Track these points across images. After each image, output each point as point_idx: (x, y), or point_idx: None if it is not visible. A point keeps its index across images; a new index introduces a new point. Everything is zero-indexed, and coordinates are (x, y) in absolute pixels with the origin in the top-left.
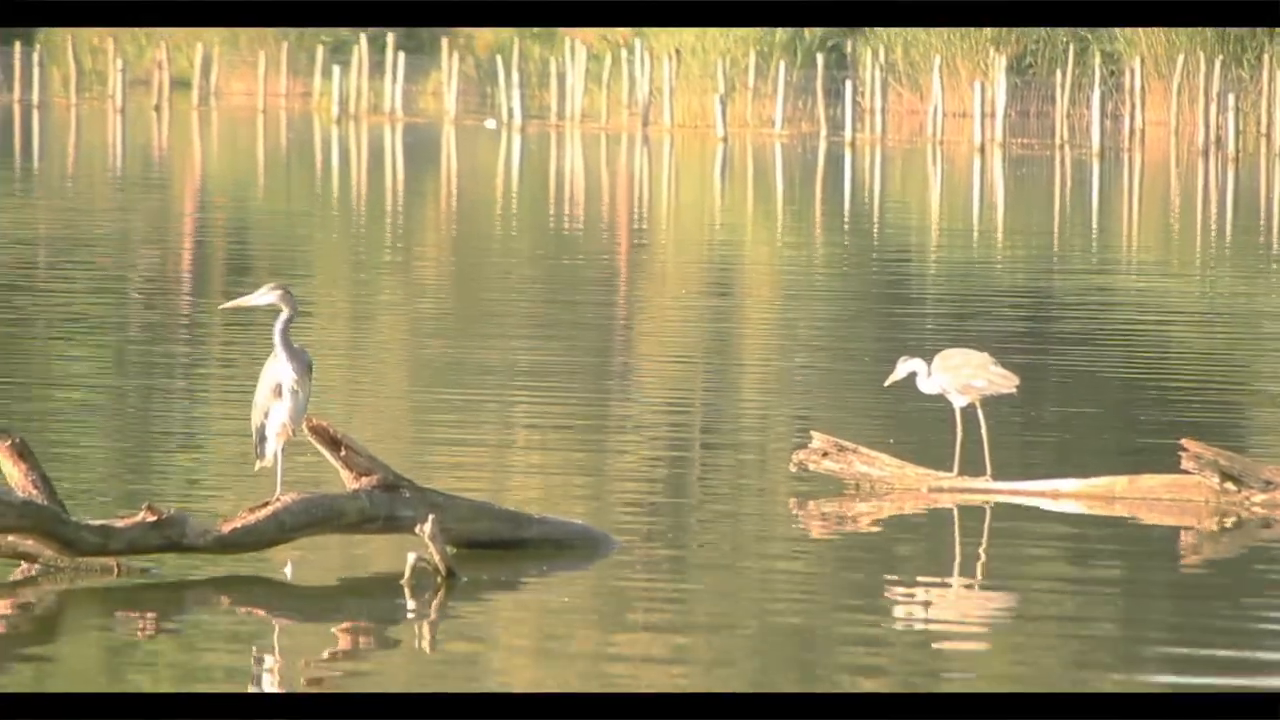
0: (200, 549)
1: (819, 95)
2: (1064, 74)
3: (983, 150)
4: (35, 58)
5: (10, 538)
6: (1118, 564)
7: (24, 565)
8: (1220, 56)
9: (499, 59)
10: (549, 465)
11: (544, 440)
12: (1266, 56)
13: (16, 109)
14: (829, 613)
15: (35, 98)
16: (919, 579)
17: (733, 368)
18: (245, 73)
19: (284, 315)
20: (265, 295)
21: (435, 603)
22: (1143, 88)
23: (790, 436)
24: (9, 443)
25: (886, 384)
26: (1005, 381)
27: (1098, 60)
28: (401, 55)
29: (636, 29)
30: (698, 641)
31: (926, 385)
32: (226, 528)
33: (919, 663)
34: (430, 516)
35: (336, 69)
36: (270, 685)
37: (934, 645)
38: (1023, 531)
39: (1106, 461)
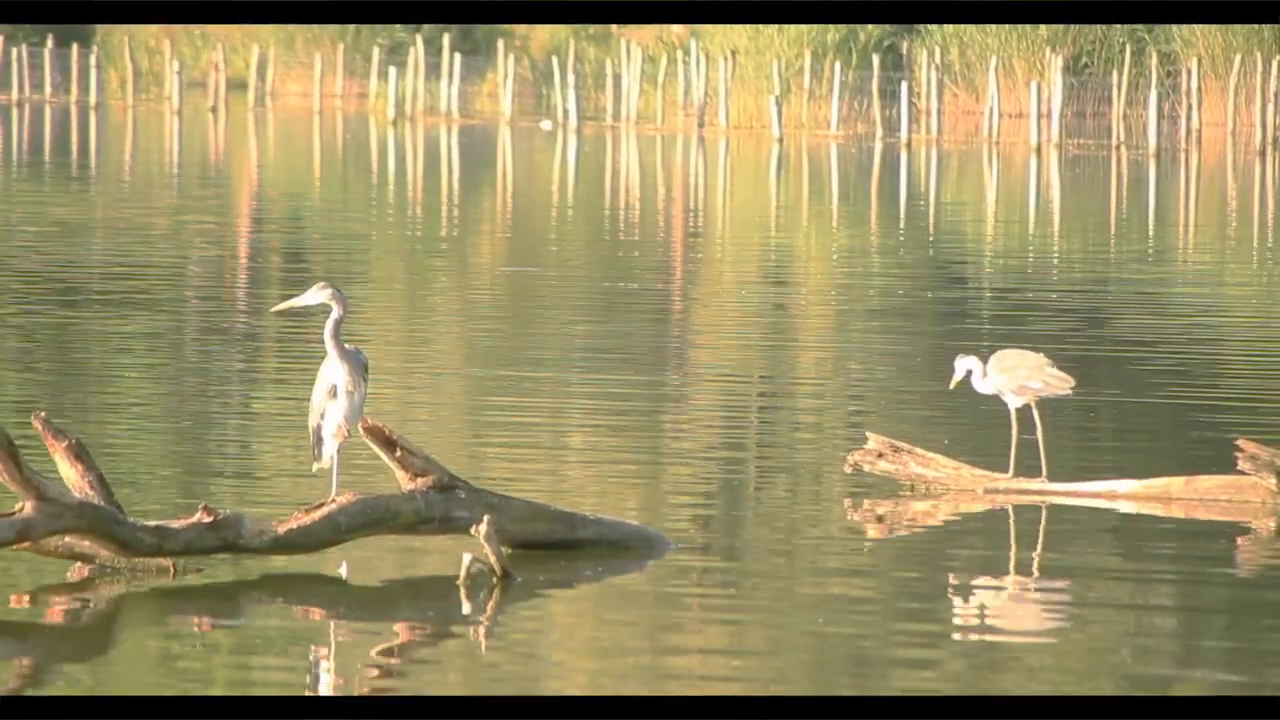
0: (256, 550)
1: (874, 96)
2: (1120, 75)
3: (1039, 151)
4: (93, 60)
5: (67, 538)
6: (1174, 565)
7: (80, 566)
8: (1278, 57)
9: (555, 60)
10: (604, 465)
11: (599, 440)
12: None
13: (74, 110)
14: (884, 615)
15: (93, 99)
16: (975, 580)
17: (788, 366)
18: (301, 74)
19: (334, 315)
20: (315, 295)
21: (491, 604)
22: (1199, 88)
23: (845, 437)
24: (66, 443)
25: (951, 386)
26: (1061, 383)
27: (1154, 61)
28: (458, 57)
29: (692, 30)
30: (752, 643)
31: (982, 385)
32: (282, 529)
33: (974, 665)
34: (486, 517)
35: (393, 70)
36: (325, 687)
37: (989, 648)
38: (1079, 533)
39: (1163, 462)
